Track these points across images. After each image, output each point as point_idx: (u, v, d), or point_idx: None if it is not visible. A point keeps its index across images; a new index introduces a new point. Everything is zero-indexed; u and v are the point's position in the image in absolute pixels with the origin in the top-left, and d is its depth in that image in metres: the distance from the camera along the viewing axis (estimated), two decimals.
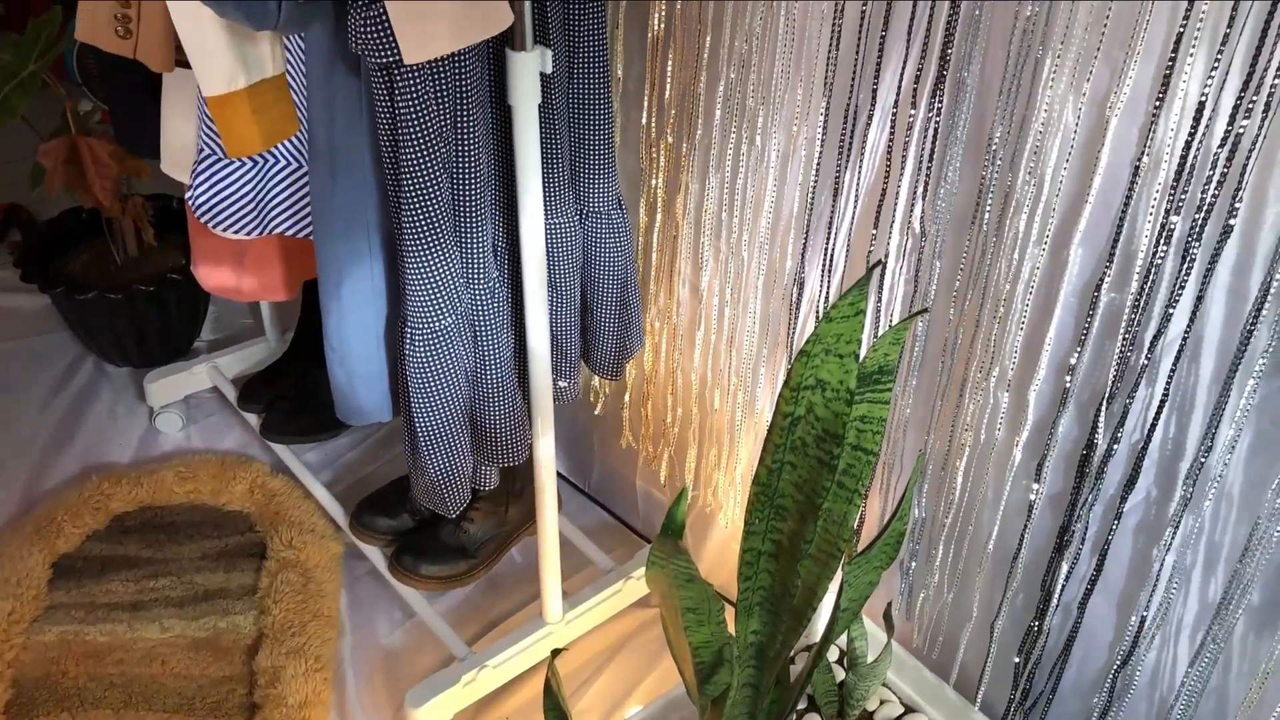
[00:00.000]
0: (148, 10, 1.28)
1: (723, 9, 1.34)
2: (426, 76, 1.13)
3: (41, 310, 2.39)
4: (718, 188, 1.44)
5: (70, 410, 2.20)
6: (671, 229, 1.56)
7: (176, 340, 2.33)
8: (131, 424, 2.19)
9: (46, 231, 2.31)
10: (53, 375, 2.30)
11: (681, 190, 1.51)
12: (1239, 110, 0.90)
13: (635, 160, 1.58)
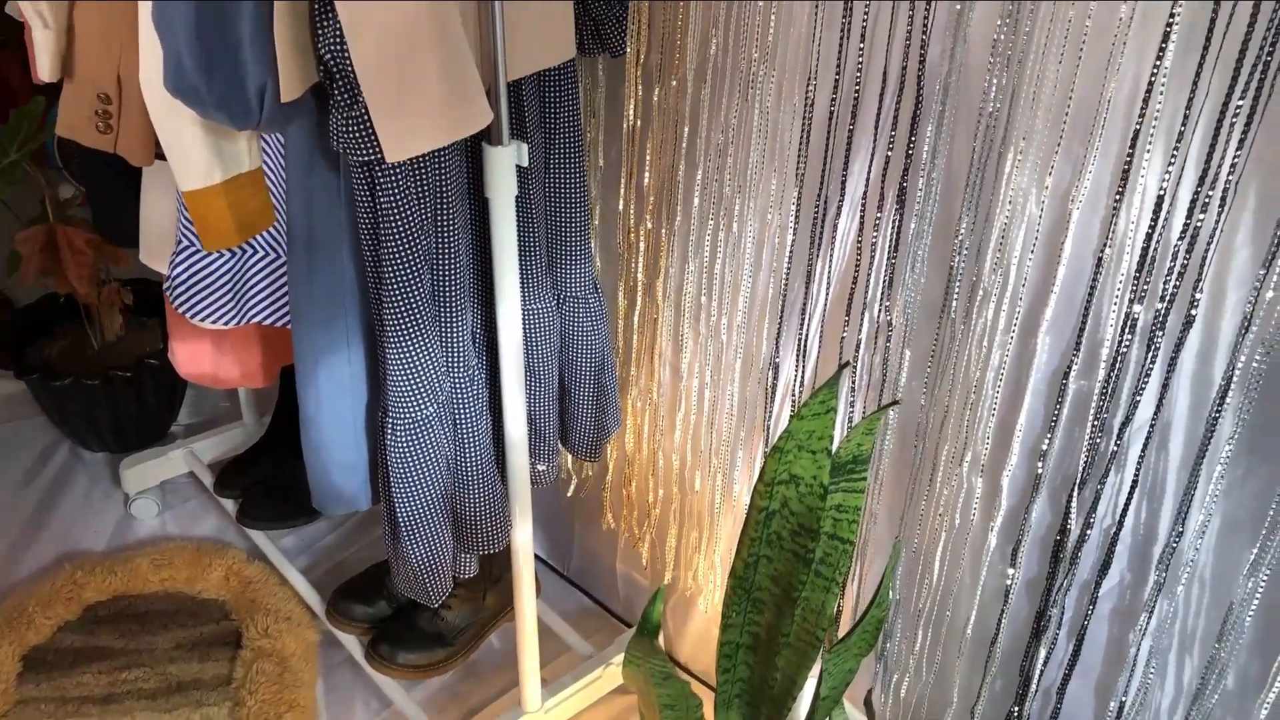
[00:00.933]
0: (128, 106, 1.30)
1: (699, 102, 1.38)
2: (407, 172, 1.15)
3: (17, 396, 2.37)
4: (697, 272, 1.46)
5: (44, 498, 2.18)
6: (652, 311, 1.58)
7: (153, 425, 2.32)
8: (107, 510, 2.17)
9: (23, 317, 2.31)
10: (27, 462, 2.28)
11: (661, 274, 1.53)
12: (1196, 204, 0.93)
13: (614, 244, 1.60)
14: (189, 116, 1.12)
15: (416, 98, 1.06)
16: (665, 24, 1.40)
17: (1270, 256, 0.89)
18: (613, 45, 1.44)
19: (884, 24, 1.14)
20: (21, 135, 1.96)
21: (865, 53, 1.16)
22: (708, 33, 1.34)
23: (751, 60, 1.29)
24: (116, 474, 2.17)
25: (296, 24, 1.04)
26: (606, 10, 1.41)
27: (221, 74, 1.03)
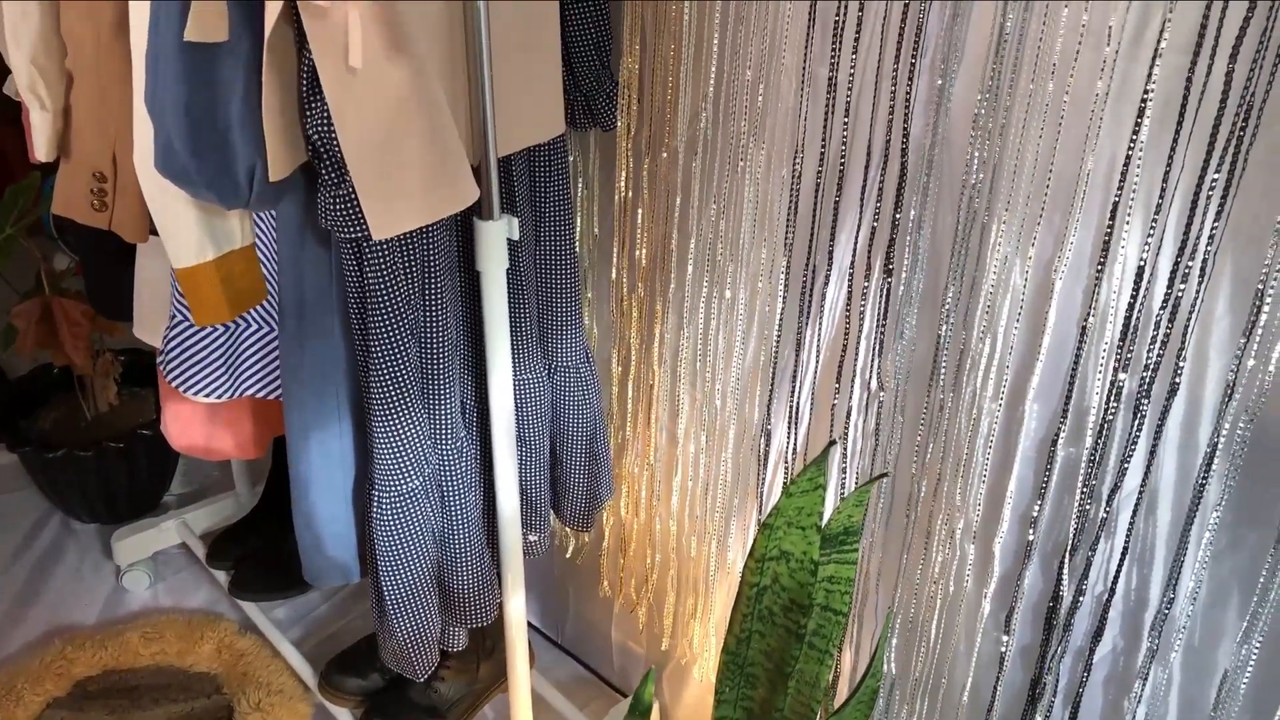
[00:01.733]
0: (123, 184, 1.32)
1: (690, 174, 1.39)
2: (395, 247, 1.17)
3: (9, 467, 2.37)
4: (691, 338, 1.47)
5: (35, 571, 2.17)
6: (648, 377, 1.58)
7: (146, 495, 2.31)
8: (98, 583, 2.15)
9: (17, 388, 2.31)
10: (18, 534, 2.27)
11: (656, 340, 1.53)
12: (1176, 274, 0.94)
13: (608, 311, 1.61)
14: (181, 195, 1.13)
15: (402, 177, 1.07)
16: (655, 99, 1.42)
17: (1250, 325, 0.90)
18: (603, 120, 1.46)
19: (867, 100, 1.16)
20: (17, 210, 1.98)
21: (850, 127, 1.18)
22: (697, 107, 1.36)
23: (740, 134, 1.31)
24: (108, 545, 2.16)
25: (286, 106, 1.06)
26: (596, 86, 1.43)
27: (211, 156, 1.04)
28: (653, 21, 1.39)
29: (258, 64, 1.03)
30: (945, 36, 1.07)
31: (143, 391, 2.30)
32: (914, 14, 1.08)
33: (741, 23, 1.27)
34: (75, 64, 1.29)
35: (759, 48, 1.25)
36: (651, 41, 1.41)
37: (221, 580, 2.05)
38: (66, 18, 1.27)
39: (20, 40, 1.30)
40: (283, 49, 1.04)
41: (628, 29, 1.43)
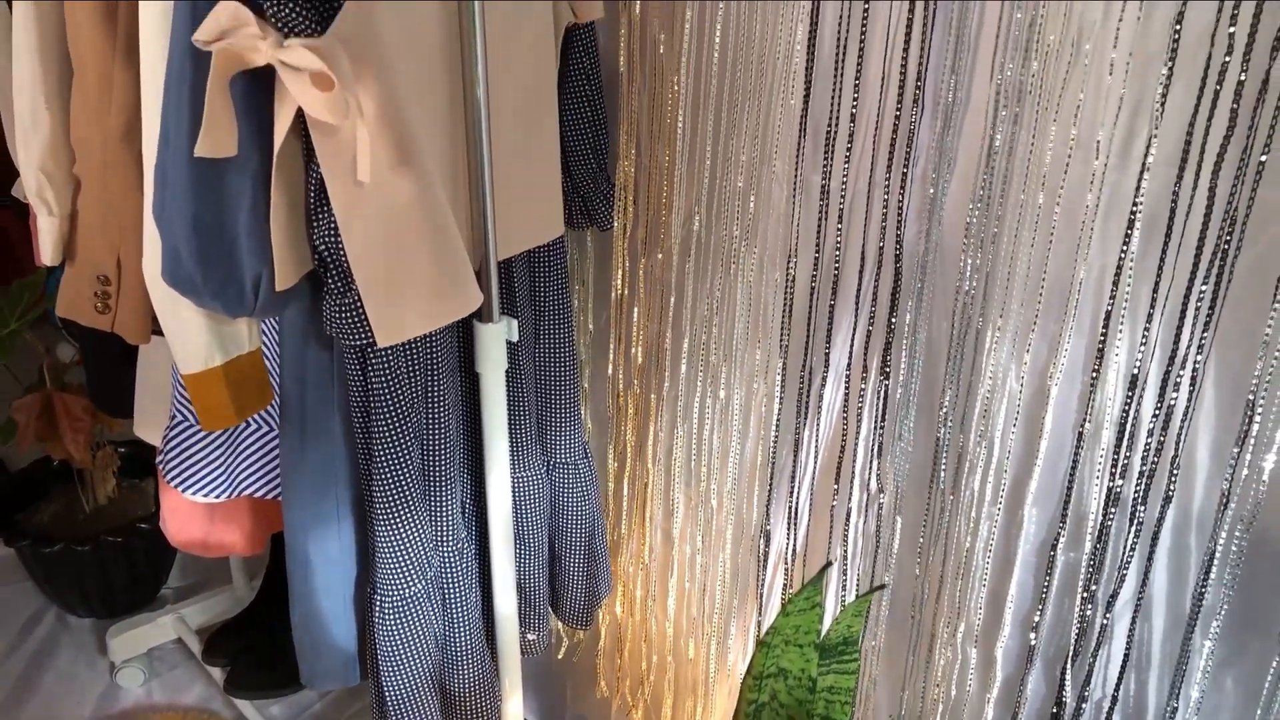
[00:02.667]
0: (127, 287, 1.33)
1: (683, 274, 1.41)
2: (399, 353, 1.18)
3: (5, 560, 2.36)
4: (686, 437, 1.48)
5: (28, 668, 2.15)
6: (643, 475, 1.58)
7: (143, 589, 2.30)
8: (92, 679, 2.13)
9: (16, 481, 2.31)
10: (12, 629, 2.25)
11: (651, 438, 1.54)
12: (1168, 383, 0.95)
13: (604, 408, 1.62)
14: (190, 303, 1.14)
15: (407, 286, 1.09)
16: (650, 201, 1.45)
17: (1242, 435, 0.91)
18: (601, 220, 1.49)
19: (860, 207, 1.18)
20: (22, 305, 2.00)
21: (843, 233, 1.20)
22: (690, 210, 1.39)
23: (733, 237, 1.33)
24: (103, 641, 2.14)
25: (292, 216, 1.08)
26: (594, 188, 1.46)
27: (218, 265, 1.06)
28: (648, 128, 1.43)
29: (265, 176, 1.06)
30: (936, 147, 1.09)
31: (142, 483, 2.30)
32: (905, 125, 1.11)
33: (734, 131, 1.30)
34: (83, 170, 1.32)
35: (750, 155, 1.28)
36: (646, 146, 1.44)
37: (217, 677, 2.03)
38: (76, 125, 1.30)
39: (30, 147, 1.33)
40: (291, 162, 1.07)
41: (624, 134, 1.46)
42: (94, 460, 2.15)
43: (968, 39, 1.05)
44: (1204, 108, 0.89)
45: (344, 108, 0.97)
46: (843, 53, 1.15)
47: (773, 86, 1.24)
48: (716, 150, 1.33)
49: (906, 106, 1.11)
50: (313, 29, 0.98)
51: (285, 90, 0.99)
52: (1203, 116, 0.89)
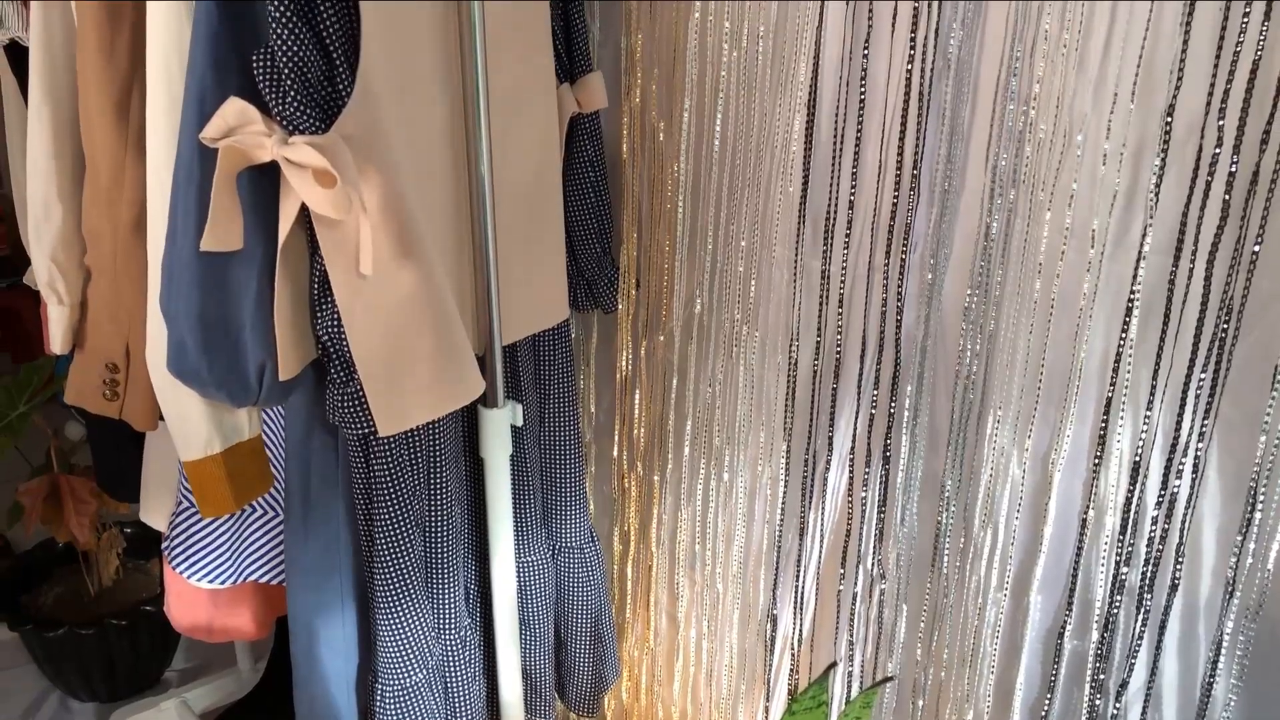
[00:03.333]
0: (135, 375, 1.34)
1: (686, 356, 1.42)
2: (401, 441, 1.18)
3: (9, 643, 2.34)
4: (690, 520, 1.48)
5: None
6: (647, 558, 1.58)
7: (147, 672, 2.28)
8: None
9: (20, 564, 2.30)
10: (15, 714, 2.23)
11: (655, 521, 1.54)
12: (1170, 470, 0.95)
13: (608, 489, 1.62)
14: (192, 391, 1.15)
15: (410, 375, 1.10)
16: (653, 283, 1.46)
17: (1245, 524, 0.90)
18: (605, 303, 1.50)
19: (860, 292, 1.19)
20: (31, 389, 2.01)
21: (844, 317, 1.21)
22: (692, 293, 1.40)
23: (735, 320, 1.34)
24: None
25: (297, 307, 1.09)
26: (598, 271, 1.48)
27: (223, 356, 1.07)
28: (650, 212, 1.44)
29: (270, 268, 1.07)
30: (933, 234, 1.10)
31: (147, 564, 2.29)
32: (902, 212, 1.12)
33: (734, 217, 1.31)
34: (93, 260, 1.33)
35: (750, 240, 1.29)
36: (649, 231, 1.46)
37: None
38: (87, 217, 1.32)
39: (42, 238, 1.35)
40: (295, 254, 1.08)
41: (627, 219, 1.48)
42: (98, 542, 2.15)
43: (962, 129, 1.07)
44: (1197, 197, 0.90)
45: (347, 203, 0.99)
46: (840, 142, 1.17)
47: (771, 174, 1.26)
48: (717, 235, 1.34)
49: (904, 194, 1.12)
50: (317, 126, 0.99)
51: (290, 185, 1.01)
52: (1195, 206, 0.90)
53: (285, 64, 0.98)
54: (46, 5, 1.28)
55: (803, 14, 1.16)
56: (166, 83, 1.08)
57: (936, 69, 1.07)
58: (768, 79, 1.23)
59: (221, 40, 0.99)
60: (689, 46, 1.31)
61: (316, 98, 1.00)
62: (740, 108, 1.27)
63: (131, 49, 1.20)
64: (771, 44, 1.21)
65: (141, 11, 1.17)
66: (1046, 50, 0.97)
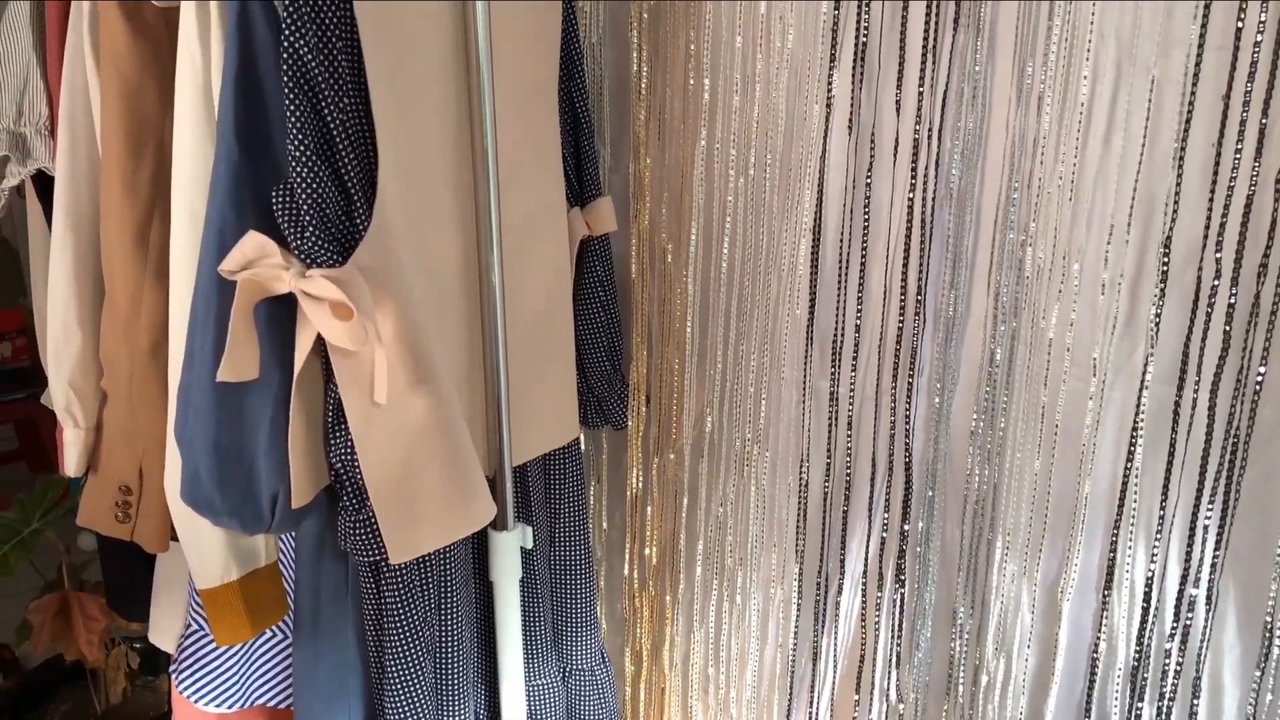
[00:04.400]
0: (148, 497, 1.35)
1: (697, 475, 1.43)
2: (412, 567, 1.18)
3: None
4: (702, 642, 1.46)
5: None
6: (659, 680, 1.56)
7: None
8: None
9: (28, 681, 2.28)
10: None
11: (667, 642, 1.52)
12: (1182, 602, 0.94)
13: (620, 608, 1.61)
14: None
15: (421, 503, 1.10)
16: (663, 401, 1.47)
17: (1263, 657, 0.89)
18: (615, 420, 1.50)
19: (869, 414, 1.20)
20: (45, 504, 2.02)
21: (853, 439, 1.21)
22: (702, 411, 1.41)
23: (745, 440, 1.35)
24: None
25: (310, 435, 1.10)
26: (609, 389, 1.49)
27: (236, 486, 1.07)
28: (658, 332, 1.46)
29: (285, 397, 1.08)
30: (940, 358, 1.12)
31: (155, 681, 2.27)
32: (908, 336, 1.14)
33: (743, 337, 1.33)
34: (110, 384, 1.35)
35: (760, 360, 1.31)
36: (658, 349, 1.47)
37: None
38: (105, 342, 1.34)
39: (61, 363, 1.37)
40: (310, 382, 1.09)
41: (637, 337, 1.49)
42: (107, 659, 2.13)
43: (965, 255, 1.09)
44: (1198, 328, 0.91)
45: (363, 335, 1.01)
46: (845, 266, 1.19)
47: (779, 296, 1.27)
48: (726, 354, 1.36)
49: (909, 319, 1.14)
50: (334, 259, 1.02)
51: (306, 316, 1.03)
52: (1197, 336, 0.92)
53: (304, 200, 1.00)
54: (73, 137, 1.32)
55: (807, 143, 1.19)
56: (188, 215, 1.11)
57: (939, 197, 1.09)
58: (774, 204, 1.26)
59: (242, 175, 1.02)
60: (696, 172, 1.35)
61: (334, 232, 1.03)
62: (747, 231, 1.30)
63: (153, 180, 1.24)
64: (778, 171, 1.24)
65: (164, 145, 1.21)
66: (1042, 182, 0.99)
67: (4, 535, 1.98)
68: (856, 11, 1.09)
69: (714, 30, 1.26)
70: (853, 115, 1.13)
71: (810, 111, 1.17)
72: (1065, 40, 0.95)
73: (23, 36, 1.43)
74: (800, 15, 1.15)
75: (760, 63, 1.21)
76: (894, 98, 1.09)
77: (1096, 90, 0.95)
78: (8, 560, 1.97)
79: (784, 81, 1.19)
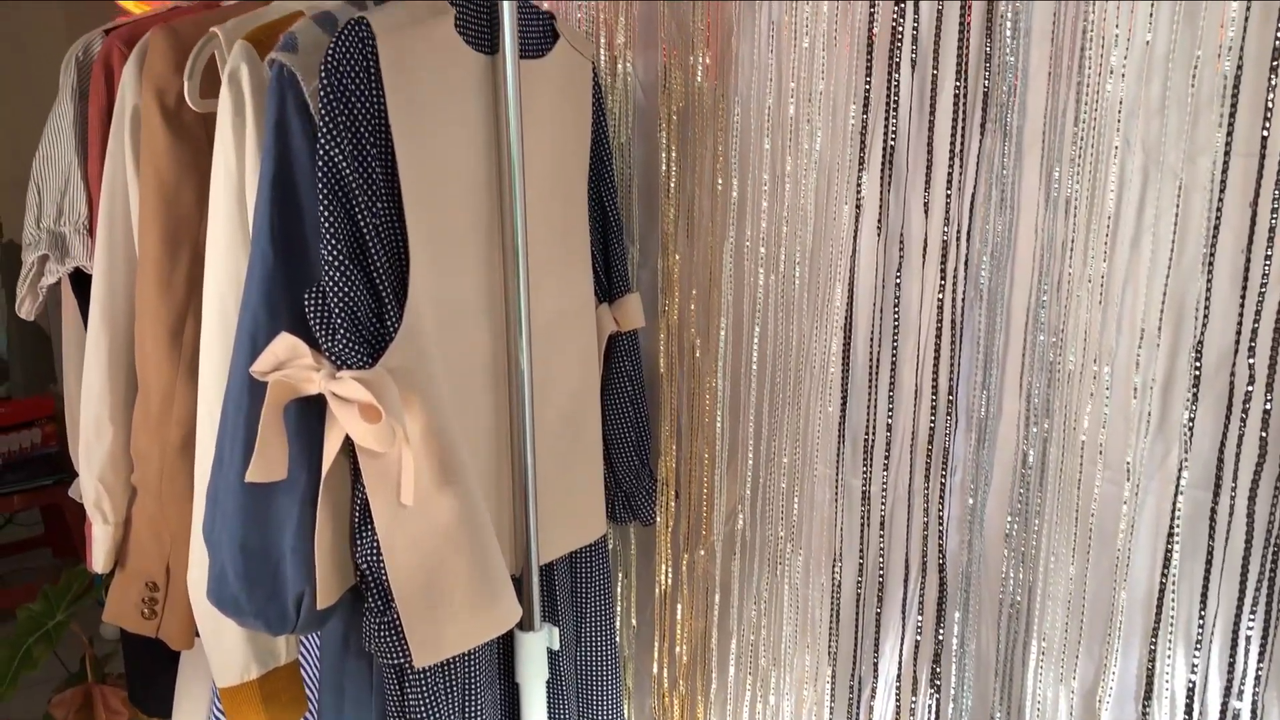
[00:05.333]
0: (174, 594, 1.35)
1: (729, 572, 1.41)
2: (436, 668, 1.17)
3: None
4: None
5: None
6: None
7: None
8: None
9: None
10: None
11: None
12: (1226, 715, 0.92)
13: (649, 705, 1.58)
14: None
15: (447, 604, 1.09)
16: (693, 496, 1.46)
17: None
18: (643, 515, 1.49)
19: (901, 514, 1.18)
20: (70, 595, 2.02)
21: (886, 539, 1.20)
22: (734, 507, 1.40)
23: (778, 537, 1.33)
24: None
25: (337, 536, 1.10)
26: (637, 484, 1.48)
27: (262, 586, 1.07)
28: (688, 426, 1.46)
29: (313, 497, 1.08)
30: (972, 459, 1.11)
31: None
32: (940, 436, 1.13)
33: (775, 434, 1.32)
34: (140, 480, 1.36)
35: (792, 457, 1.30)
36: (687, 444, 1.47)
37: None
38: (136, 438, 1.35)
39: (92, 458, 1.38)
40: (338, 482, 1.09)
41: (666, 431, 1.49)
42: None
43: (996, 356, 1.08)
44: (1232, 433, 0.90)
45: (391, 437, 1.01)
46: (876, 365, 1.19)
47: (810, 393, 1.27)
48: (758, 450, 1.35)
49: (940, 418, 1.13)
50: (364, 361, 1.03)
51: (335, 417, 1.03)
52: (1232, 442, 0.90)
53: (336, 303, 1.02)
54: (111, 236, 1.35)
55: (837, 243, 1.20)
56: (221, 316, 1.12)
57: (968, 298, 1.09)
58: (804, 302, 1.26)
59: (276, 278, 1.03)
60: (725, 269, 1.35)
61: (364, 334, 1.04)
62: (778, 328, 1.30)
63: (188, 279, 1.26)
64: (807, 269, 1.25)
65: (199, 246, 1.23)
66: (1072, 284, 0.99)
67: (29, 628, 1.98)
68: (884, 116, 1.10)
69: (742, 131, 1.27)
70: (881, 216, 1.14)
71: (839, 212, 1.18)
72: (1092, 146, 0.96)
73: (65, 139, 1.47)
74: (828, 119, 1.17)
75: (789, 163, 1.23)
76: (922, 200, 1.10)
77: (1124, 195, 0.95)
78: (31, 653, 1.97)
79: (812, 182, 1.20)
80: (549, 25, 1.24)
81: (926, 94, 1.09)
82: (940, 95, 1.08)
